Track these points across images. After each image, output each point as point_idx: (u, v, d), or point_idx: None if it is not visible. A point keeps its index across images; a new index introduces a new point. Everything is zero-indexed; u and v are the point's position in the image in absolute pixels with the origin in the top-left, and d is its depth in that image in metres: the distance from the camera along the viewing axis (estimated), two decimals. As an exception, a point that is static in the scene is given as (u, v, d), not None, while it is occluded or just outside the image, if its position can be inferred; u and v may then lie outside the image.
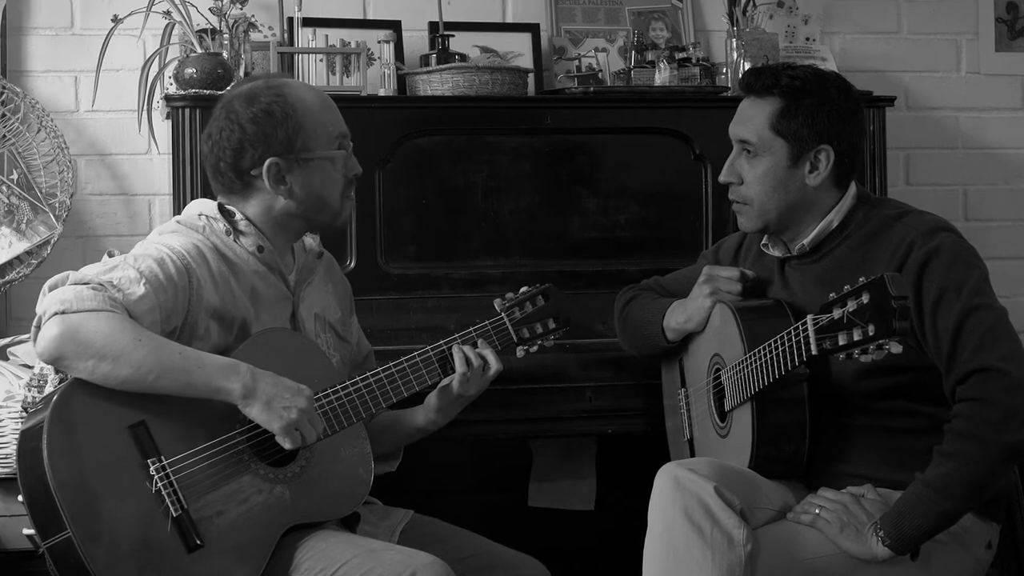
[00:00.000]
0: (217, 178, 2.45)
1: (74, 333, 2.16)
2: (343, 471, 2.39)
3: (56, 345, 2.17)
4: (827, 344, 2.23)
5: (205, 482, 2.23)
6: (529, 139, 3.24)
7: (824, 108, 2.50)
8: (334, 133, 2.45)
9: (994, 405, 2.26)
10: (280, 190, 2.41)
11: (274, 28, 3.37)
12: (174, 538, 2.18)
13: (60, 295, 2.20)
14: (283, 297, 2.47)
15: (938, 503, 2.28)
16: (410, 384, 2.46)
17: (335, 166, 2.45)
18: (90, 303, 2.18)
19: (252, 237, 2.42)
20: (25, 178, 3.24)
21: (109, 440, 2.19)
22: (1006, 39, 3.91)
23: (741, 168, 2.56)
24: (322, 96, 2.49)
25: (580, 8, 3.65)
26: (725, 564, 2.26)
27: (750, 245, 2.73)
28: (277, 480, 2.30)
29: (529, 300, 2.62)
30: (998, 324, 2.32)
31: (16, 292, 3.34)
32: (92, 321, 2.17)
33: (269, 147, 2.38)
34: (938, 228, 2.44)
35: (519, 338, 2.59)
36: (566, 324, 2.64)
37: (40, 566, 2.43)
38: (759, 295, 2.63)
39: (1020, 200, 3.94)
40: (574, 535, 3.46)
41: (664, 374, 2.92)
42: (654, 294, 2.90)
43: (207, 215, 2.43)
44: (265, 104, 2.40)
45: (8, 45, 3.39)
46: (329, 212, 2.46)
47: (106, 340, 2.16)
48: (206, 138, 2.46)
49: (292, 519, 2.30)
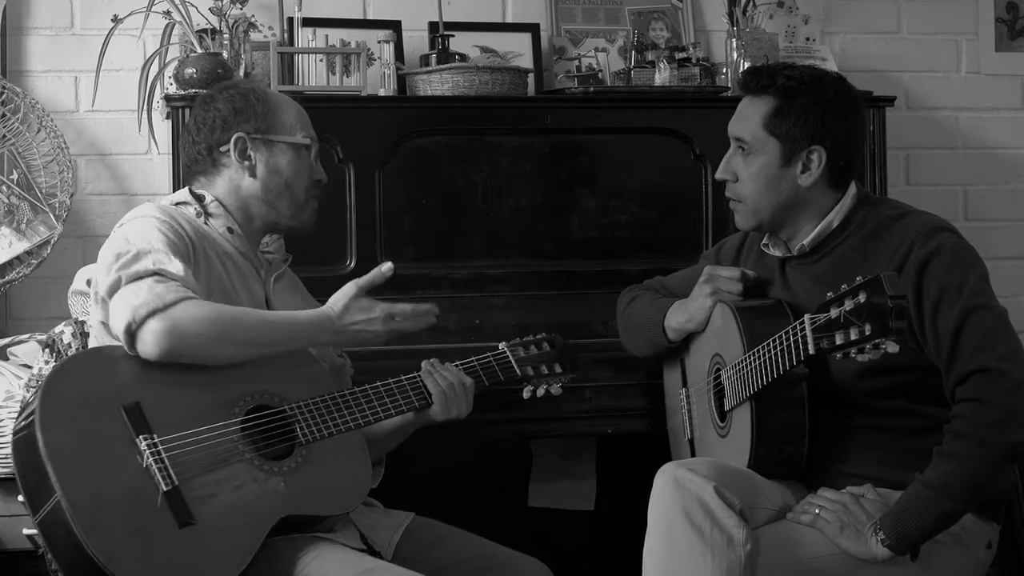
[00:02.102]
0: (190, 162, 2.56)
1: (175, 328, 2.25)
2: (340, 469, 2.39)
3: (166, 344, 2.25)
4: (824, 343, 2.23)
5: (198, 464, 2.24)
6: (529, 139, 3.24)
7: (818, 109, 2.50)
8: (302, 130, 2.56)
9: (994, 406, 2.26)
10: (245, 166, 2.51)
11: (274, 28, 3.37)
12: (164, 512, 2.19)
13: (133, 300, 2.26)
14: (255, 279, 2.53)
15: (938, 503, 2.28)
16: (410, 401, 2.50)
17: (300, 157, 2.54)
18: (172, 295, 2.26)
19: (222, 219, 2.51)
20: (25, 178, 3.24)
21: (102, 416, 2.23)
22: (1006, 39, 3.91)
23: (736, 166, 2.57)
24: (297, 104, 2.61)
25: (580, 8, 3.65)
26: (725, 564, 2.26)
27: (751, 245, 2.73)
28: (272, 472, 2.31)
29: (534, 344, 2.68)
30: (998, 324, 2.32)
31: (16, 292, 3.34)
32: (182, 311, 2.26)
33: (239, 123, 2.51)
34: (938, 228, 2.44)
35: (523, 375, 2.64)
36: (573, 371, 2.69)
37: (40, 566, 2.43)
38: (760, 295, 2.63)
39: (1020, 200, 3.94)
40: (574, 535, 3.46)
41: (666, 374, 2.92)
42: (656, 294, 2.90)
43: (177, 201, 2.52)
44: (241, 89, 2.56)
45: (8, 45, 3.39)
46: (291, 201, 2.54)
47: (206, 326, 2.27)
48: (184, 131, 2.60)
49: (285, 509, 2.30)
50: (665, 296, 2.87)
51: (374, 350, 2.89)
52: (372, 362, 2.75)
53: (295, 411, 2.36)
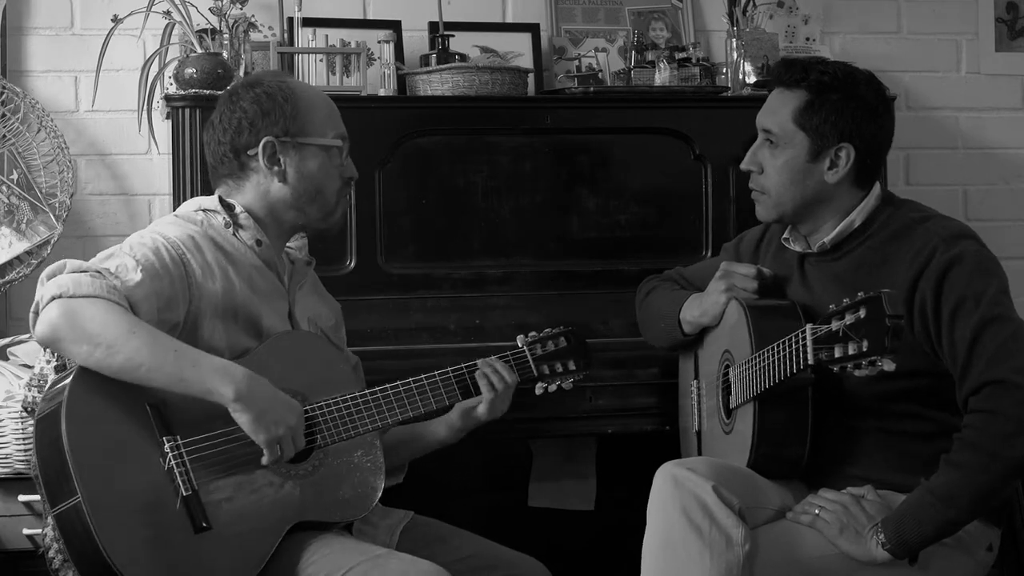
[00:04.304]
0: (216, 163, 2.46)
1: (71, 317, 2.17)
2: (355, 477, 2.40)
3: (54, 327, 2.18)
4: (823, 355, 2.23)
5: (217, 467, 2.24)
6: (529, 139, 3.24)
7: (850, 106, 2.49)
8: (333, 128, 2.47)
9: (1006, 417, 2.25)
10: (274, 171, 2.42)
11: (274, 28, 3.37)
12: (182, 516, 2.19)
13: (58, 281, 2.21)
14: (280, 295, 2.47)
15: (941, 512, 2.28)
16: (428, 402, 2.47)
17: (331, 159, 2.46)
18: (88, 289, 2.19)
19: (251, 231, 2.43)
20: (25, 178, 3.24)
21: (127, 414, 2.21)
22: (1006, 39, 3.91)
23: (763, 158, 2.56)
24: (325, 97, 2.51)
25: (580, 8, 3.65)
26: (723, 563, 2.26)
27: (771, 239, 2.72)
28: (288, 476, 2.31)
29: (552, 339, 2.63)
30: (1014, 336, 2.31)
31: (16, 292, 3.34)
32: (89, 307, 2.18)
33: (266, 126, 2.41)
34: (961, 235, 2.43)
35: (539, 374, 2.61)
36: (587, 368, 2.65)
37: (40, 566, 2.43)
38: (778, 291, 2.62)
39: (1020, 200, 3.93)
40: (574, 535, 3.46)
41: (681, 365, 2.92)
42: (675, 285, 2.90)
43: (205, 208, 2.44)
44: (267, 87, 2.44)
45: (8, 45, 3.39)
46: (322, 205, 2.47)
47: (101, 327, 2.17)
48: (208, 127, 2.48)
49: (299, 516, 2.31)
50: (684, 287, 2.87)
51: (373, 350, 2.91)
52: (373, 362, 2.75)
53: (316, 412, 2.35)
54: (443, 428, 2.62)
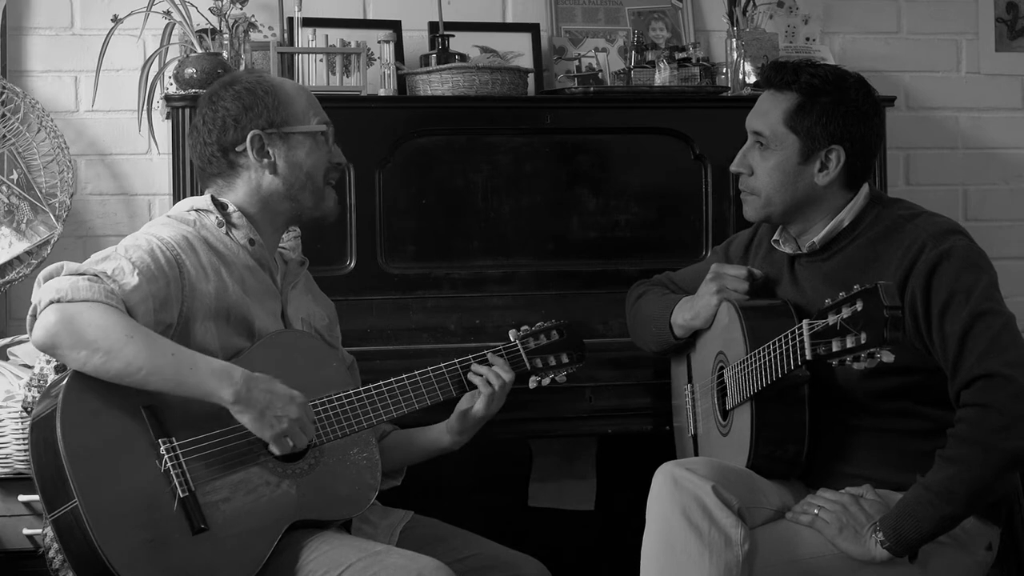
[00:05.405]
0: (204, 164, 2.48)
1: (69, 322, 2.17)
2: (351, 474, 2.40)
3: (51, 333, 2.18)
4: (821, 350, 2.23)
5: (214, 468, 2.24)
6: (529, 139, 3.24)
7: (840, 109, 2.49)
8: (316, 115, 2.49)
9: (999, 411, 2.25)
10: (264, 164, 2.44)
11: (274, 28, 3.37)
12: (179, 518, 2.19)
13: (56, 285, 2.20)
14: (272, 295, 2.48)
15: (939, 507, 2.28)
16: (422, 397, 2.48)
17: (318, 145, 2.48)
18: (86, 293, 2.19)
19: (244, 229, 2.44)
20: (25, 178, 3.24)
21: (123, 416, 2.21)
22: (1006, 39, 3.91)
23: (753, 160, 2.56)
24: (303, 87, 2.54)
25: (580, 8, 3.65)
26: (722, 563, 2.26)
27: (760, 241, 2.72)
28: (285, 475, 2.31)
29: (544, 332, 2.64)
30: (1005, 330, 2.31)
31: (16, 292, 3.35)
32: (87, 312, 2.18)
33: (251, 120, 2.43)
34: (949, 231, 2.43)
35: (532, 367, 2.61)
36: (580, 360, 2.66)
37: (40, 566, 2.43)
38: (768, 292, 2.63)
39: (1020, 200, 3.94)
40: (574, 535, 3.46)
41: (673, 369, 2.92)
42: (664, 289, 2.90)
43: (198, 208, 2.45)
44: (246, 83, 2.47)
45: (8, 45, 3.39)
46: (313, 191, 2.48)
47: (99, 332, 2.17)
48: (192, 130, 2.50)
49: (296, 515, 2.31)
50: (674, 292, 2.87)
51: (373, 350, 2.91)
52: (373, 362, 2.75)
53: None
54: (444, 434, 2.62)
